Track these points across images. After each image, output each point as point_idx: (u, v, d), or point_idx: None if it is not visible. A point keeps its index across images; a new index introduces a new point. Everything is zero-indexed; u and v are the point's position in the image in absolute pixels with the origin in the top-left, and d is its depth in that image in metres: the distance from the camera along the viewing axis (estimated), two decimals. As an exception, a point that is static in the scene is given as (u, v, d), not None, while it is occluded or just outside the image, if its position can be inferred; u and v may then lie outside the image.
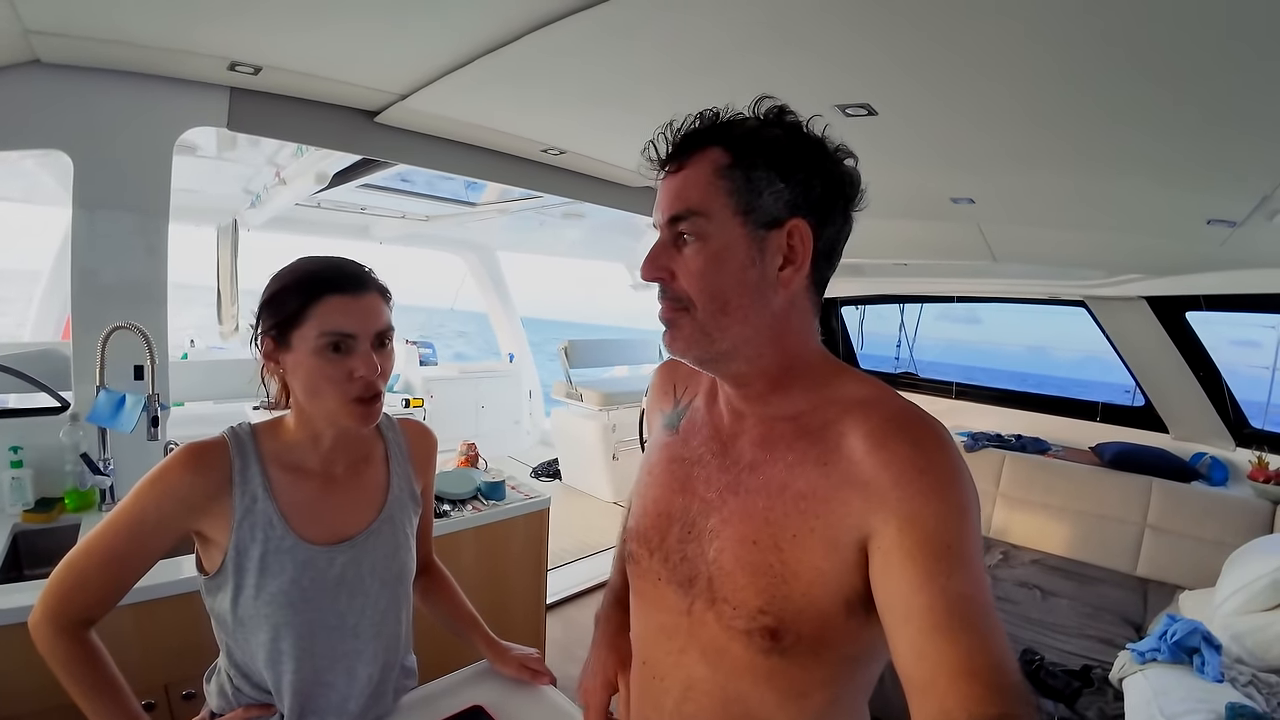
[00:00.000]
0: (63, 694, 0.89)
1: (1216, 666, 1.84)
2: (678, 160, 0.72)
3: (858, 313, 5.02)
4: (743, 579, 0.71)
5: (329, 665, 1.01)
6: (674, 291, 0.72)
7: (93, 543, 0.91)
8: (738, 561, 0.71)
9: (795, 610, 0.68)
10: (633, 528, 0.86)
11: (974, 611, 0.57)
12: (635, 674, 0.87)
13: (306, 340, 0.93)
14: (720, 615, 0.73)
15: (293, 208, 3.85)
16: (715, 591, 0.73)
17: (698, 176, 0.70)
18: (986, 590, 0.60)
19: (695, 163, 0.71)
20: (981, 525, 0.66)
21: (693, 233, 0.71)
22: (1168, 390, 3.40)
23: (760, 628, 0.69)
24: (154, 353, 1.89)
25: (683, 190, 0.71)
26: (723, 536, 0.74)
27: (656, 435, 0.91)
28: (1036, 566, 3.19)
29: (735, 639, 0.72)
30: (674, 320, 0.73)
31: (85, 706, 0.90)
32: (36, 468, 1.84)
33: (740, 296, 0.70)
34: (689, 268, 0.71)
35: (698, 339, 0.72)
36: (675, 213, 0.71)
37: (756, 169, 0.69)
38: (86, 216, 1.89)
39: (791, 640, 0.69)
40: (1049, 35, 1.25)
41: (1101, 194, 2.20)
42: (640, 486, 0.88)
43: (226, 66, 1.86)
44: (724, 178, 0.69)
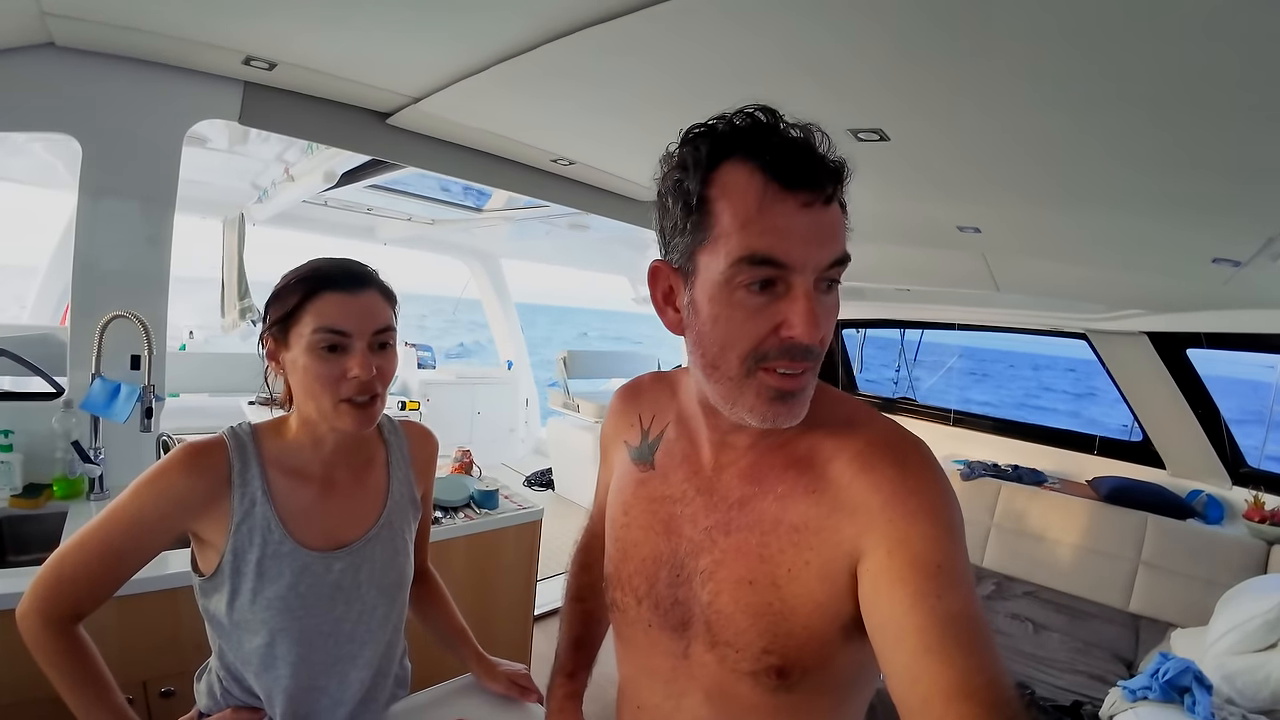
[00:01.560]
0: (47, 685, 0.88)
1: (1207, 706, 1.82)
2: (832, 184, 0.62)
3: (858, 336, 5.03)
4: (744, 621, 0.69)
5: (323, 671, 1.00)
6: (817, 350, 0.64)
7: (87, 538, 0.89)
8: (736, 604, 0.70)
9: (798, 645, 0.67)
10: (613, 574, 0.83)
11: (966, 630, 0.57)
12: (629, 717, 0.85)
13: (302, 337, 0.92)
14: (723, 659, 0.71)
15: (299, 205, 3.85)
16: (715, 635, 0.71)
17: (841, 212, 0.64)
18: (978, 607, 0.60)
19: (838, 196, 0.64)
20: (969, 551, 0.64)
21: (839, 275, 0.65)
22: (1166, 426, 3.40)
23: (766, 668, 0.68)
24: (152, 343, 1.87)
25: (842, 227, 0.64)
26: (717, 578, 0.71)
27: (625, 469, 0.86)
28: (1029, 599, 3.17)
29: (741, 680, 0.70)
30: (806, 385, 0.66)
31: (70, 700, 0.89)
32: (26, 453, 1.82)
33: None
34: (831, 318, 0.65)
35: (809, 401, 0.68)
36: (842, 254, 0.63)
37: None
38: (92, 203, 1.88)
39: (798, 676, 0.67)
40: (1062, 73, 1.26)
41: (1108, 230, 2.21)
42: (615, 528, 0.84)
43: (241, 60, 1.86)
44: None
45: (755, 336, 0.63)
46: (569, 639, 1.06)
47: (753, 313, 0.63)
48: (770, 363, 0.64)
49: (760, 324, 0.63)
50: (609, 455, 0.93)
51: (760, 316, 0.63)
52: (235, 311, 4.01)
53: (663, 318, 0.72)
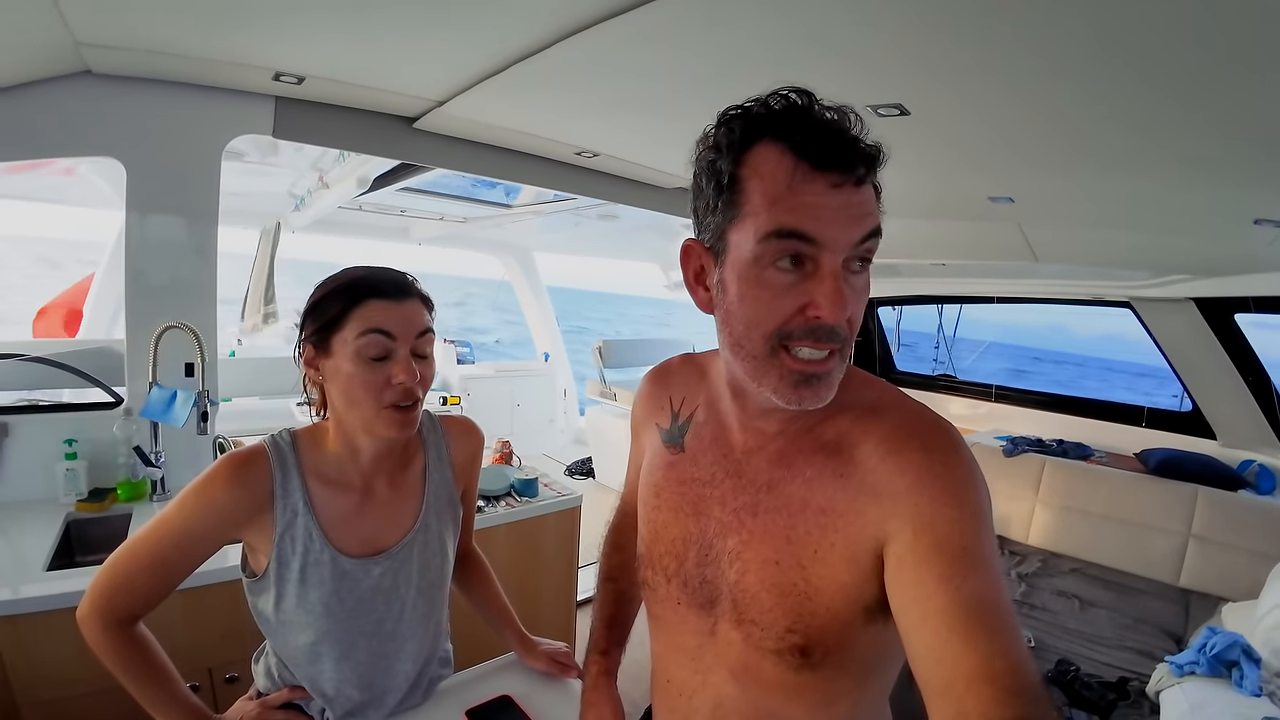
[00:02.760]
0: (112, 677, 0.94)
1: (1255, 680, 1.78)
2: (863, 165, 0.62)
3: (895, 313, 4.95)
4: (769, 600, 0.70)
5: (369, 667, 1.04)
6: (843, 331, 0.64)
7: (138, 547, 0.93)
8: (762, 583, 0.71)
9: (821, 625, 0.68)
10: (645, 554, 0.85)
11: (991, 613, 0.57)
12: (660, 692, 0.87)
13: (346, 344, 0.93)
14: (748, 636, 0.72)
15: (335, 210, 3.95)
16: (741, 613, 0.73)
17: (872, 192, 0.64)
18: (1004, 592, 0.60)
19: (870, 177, 0.64)
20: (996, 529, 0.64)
21: (872, 253, 0.64)
22: (1216, 395, 3.28)
23: (789, 646, 0.69)
24: (204, 350, 1.98)
25: (873, 204, 0.64)
26: (744, 558, 0.73)
27: (656, 451, 0.87)
28: (1076, 576, 3.11)
29: (765, 658, 0.71)
30: (831, 371, 0.65)
31: (136, 694, 0.94)
32: (90, 459, 1.94)
33: None
34: (859, 297, 0.65)
35: (840, 377, 0.67)
36: (873, 229, 0.63)
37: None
38: (139, 220, 1.98)
39: (820, 655, 0.69)
40: (1090, 33, 1.21)
41: (1145, 195, 2.14)
42: (647, 509, 0.85)
43: (271, 77, 1.93)
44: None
45: (781, 315, 0.63)
46: (602, 618, 1.08)
47: (780, 291, 0.63)
48: (794, 342, 0.63)
49: (786, 303, 0.63)
50: (639, 437, 0.94)
51: (787, 295, 0.63)
52: (259, 315, 4.16)
53: (694, 296, 0.73)
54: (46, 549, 1.62)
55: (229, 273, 2.27)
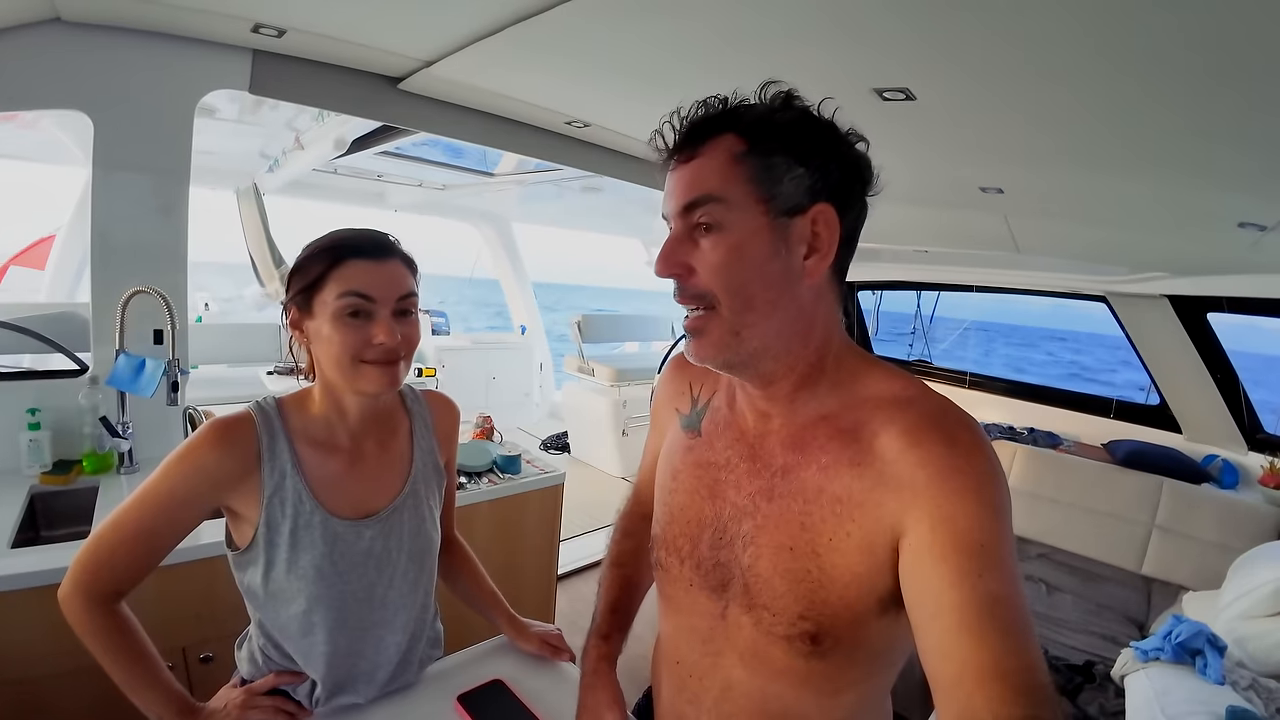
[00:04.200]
0: (82, 656, 0.91)
1: (1219, 669, 1.84)
2: (689, 149, 0.69)
3: (874, 298, 4.98)
4: (781, 586, 0.70)
5: (360, 636, 1.03)
6: (694, 288, 0.69)
7: (122, 518, 0.91)
8: (775, 568, 0.71)
9: (833, 614, 0.68)
10: (660, 535, 0.85)
11: (1005, 612, 0.57)
12: (668, 672, 0.87)
13: (327, 305, 0.93)
14: (759, 621, 0.72)
15: (309, 173, 3.82)
16: (753, 598, 0.73)
17: (713, 163, 0.67)
18: (1019, 591, 0.60)
19: (709, 150, 0.68)
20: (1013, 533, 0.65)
21: (711, 221, 0.67)
22: (1184, 391, 3.38)
23: (800, 633, 0.69)
24: (174, 317, 1.89)
25: (697, 177, 0.68)
26: (758, 543, 0.73)
27: (675, 436, 0.89)
28: (1043, 561, 3.20)
29: (775, 644, 0.71)
30: (701, 327, 0.70)
31: (117, 677, 0.91)
32: (54, 430, 1.85)
33: (765, 290, 0.68)
34: (708, 261, 0.68)
35: (726, 342, 0.69)
36: (690, 199, 0.68)
37: (774, 154, 0.66)
38: (106, 178, 1.87)
39: (830, 644, 0.69)
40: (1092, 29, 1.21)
41: (1134, 194, 2.16)
42: (664, 492, 0.86)
43: (250, 29, 1.83)
44: (741, 164, 0.67)
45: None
46: (607, 603, 1.07)
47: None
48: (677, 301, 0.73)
49: None
50: (660, 423, 0.96)
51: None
52: (277, 279, 3.99)
53: None
54: (10, 524, 1.54)
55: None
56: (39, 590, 1.31)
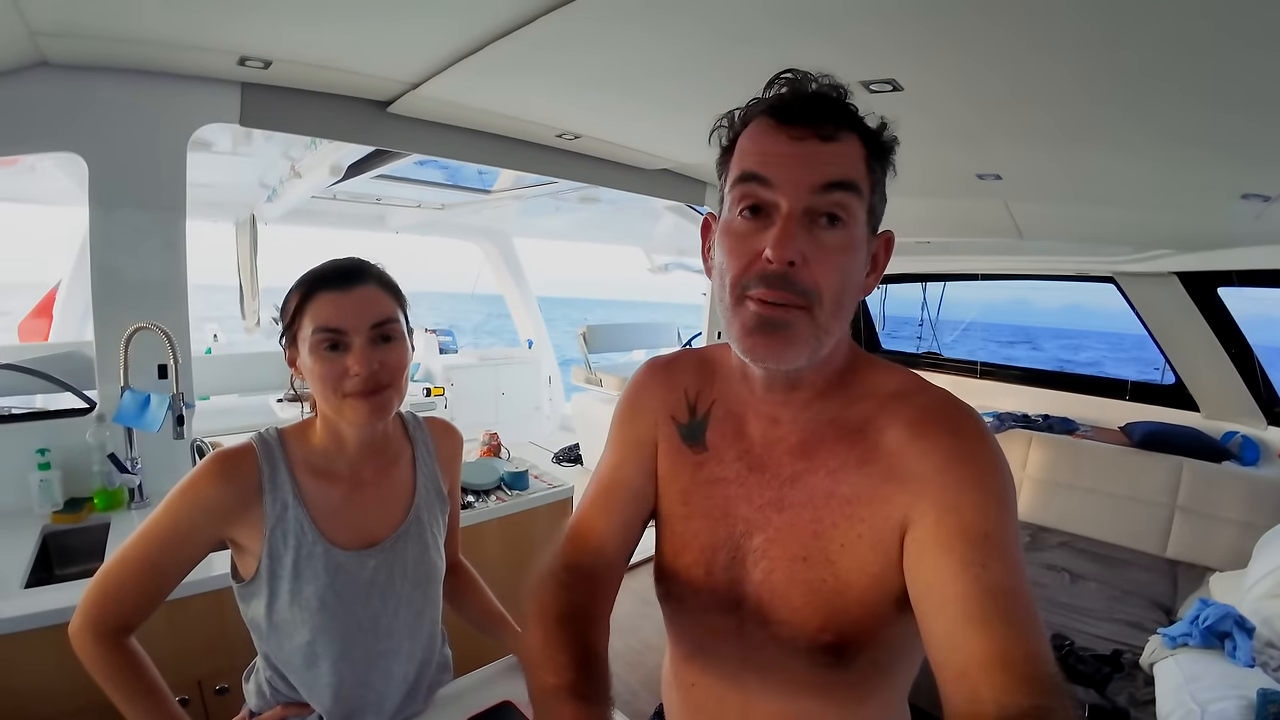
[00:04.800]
0: (97, 694, 0.90)
1: (1248, 651, 1.81)
2: (831, 126, 0.63)
3: (878, 293, 4.95)
4: (798, 599, 0.69)
5: (366, 666, 1.02)
6: (802, 282, 0.62)
7: (127, 553, 0.92)
8: (791, 581, 0.69)
9: (854, 621, 0.67)
10: (668, 567, 0.79)
11: (1011, 602, 0.56)
12: (683, 694, 0.85)
13: (305, 340, 0.94)
14: (777, 637, 0.70)
15: (309, 200, 3.85)
16: (768, 614, 0.71)
17: (855, 153, 0.64)
18: (1025, 580, 0.59)
19: (848, 140, 0.64)
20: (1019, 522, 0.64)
21: (846, 212, 0.63)
22: (1199, 368, 3.32)
23: (822, 646, 0.68)
24: (176, 351, 1.90)
25: (845, 160, 0.63)
26: (770, 556, 0.71)
27: (676, 452, 0.81)
28: (1064, 549, 3.15)
29: (796, 658, 0.70)
30: (790, 320, 0.62)
31: (126, 711, 0.91)
32: (64, 468, 1.86)
33: (851, 298, 0.67)
34: (830, 256, 0.62)
35: (813, 344, 0.64)
36: (838, 179, 0.62)
37: (881, 172, 0.67)
38: (103, 217, 1.89)
39: (854, 652, 0.67)
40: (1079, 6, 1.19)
41: (1133, 169, 2.14)
42: (673, 520, 0.79)
43: (237, 61, 1.84)
44: (870, 169, 0.65)
45: (743, 262, 0.64)
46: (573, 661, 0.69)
47: (743, 238, 0.64)
48: (752, 290, 0.63)
49: (747, 249, 0.64)
50: (637, 438, 0.84)
51: (748, 242, 0.64)
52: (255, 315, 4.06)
53: (705, 266, 0.75)
54: (23, 564, 1.55)
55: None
56: (54, 629, 1.31)
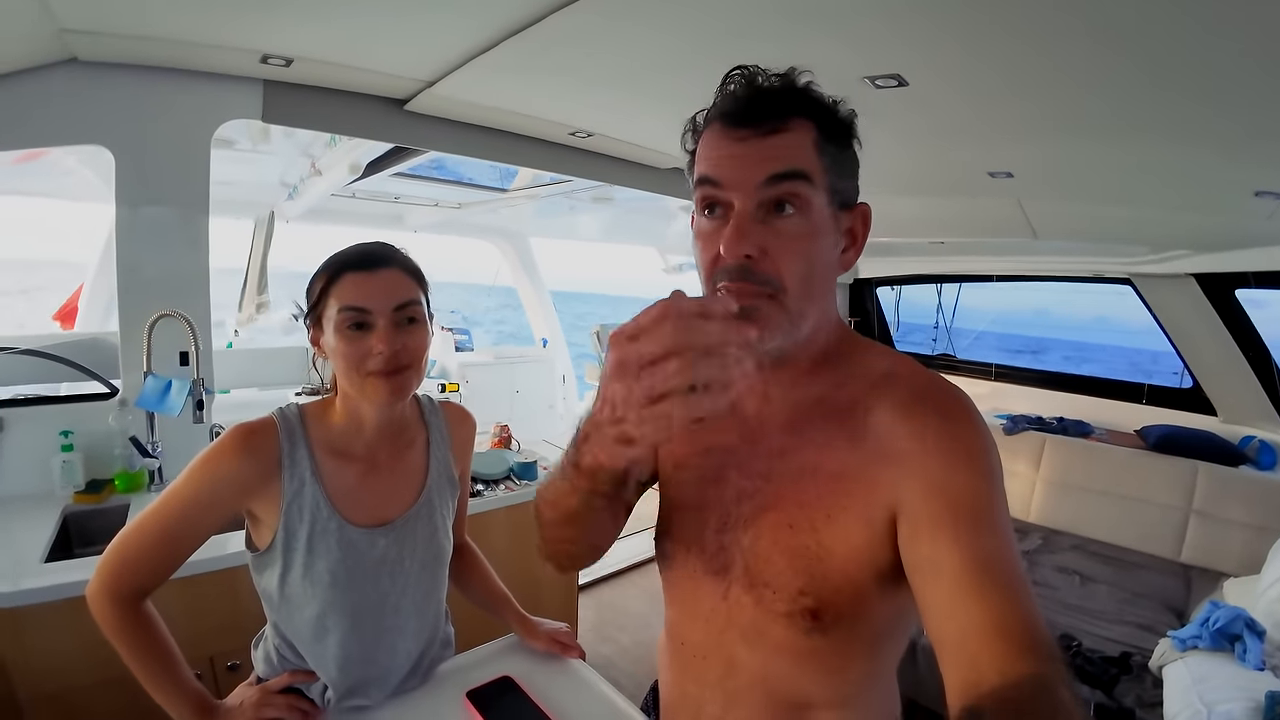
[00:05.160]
0: (111, 667, 0.94)
1: (1259, 654, 1.78)
2: (773, 121, 0.65)
3: (893, 293, 4.93)
4: (781, 562, 0.71)
5: (373, 642, 1.05)
6: (763, 273, 0.64)
7: (147, 520, 0.94)
8: (775, 546, 0.72)
9: (833, 588, 0.68)
10: (664, 528, 0.85)
11: (1004, 571, 0.57)
12: (674, 653, 0.88)
13: (330, 320, 0.96)
14: (760, 599, 0.73)
15: (328, 198, 3.90)
16: (753, 577, 0.74)
17: (800, 141, 0.65)
18: (1015, 552, 0.60)
19: (793, 128, 0.65)
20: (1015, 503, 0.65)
21: (797, 200, 0.65)
22: (1216, 371, 3.27)
23: (801, 609, 0.70)
24: (198, 339, 1.96)
25: (786, 151, 0.65)
26: (758, 523, 0.74)
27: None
28: (1077, 552, 3.11)
29: (776, 621, 0.72)
30: (756, 306, 0.65)
31: (140, 673, 0.94)
32: (86, 451, 1.93)
33: (823, 280, 0.69)
34: (787, 244, 0.65)
35: (785, 326, 0.67)
36: (783, 170, 0.64)
37: (841, 149, 0.68)
38: (129, 210, 1.96)
39: (831, 619, 0.69)
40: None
41: (1145, 167, 2.12)
42: (670, 485, 0.85)
43: (259, 59, 1.90)
44: (822, 151, 0.66)
45: (709, 258, 0.67)
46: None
47: (707, 237, 0.68)
48: (719, 284, 0.66)
49: (711, 246, 0.67)
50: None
51: (711, 240, 0.67)
52: (252, 306, 4.16)
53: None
54: (44, 541, 1.61)
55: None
56: (71, 603, 1.36)
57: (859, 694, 0.76)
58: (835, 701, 0.75)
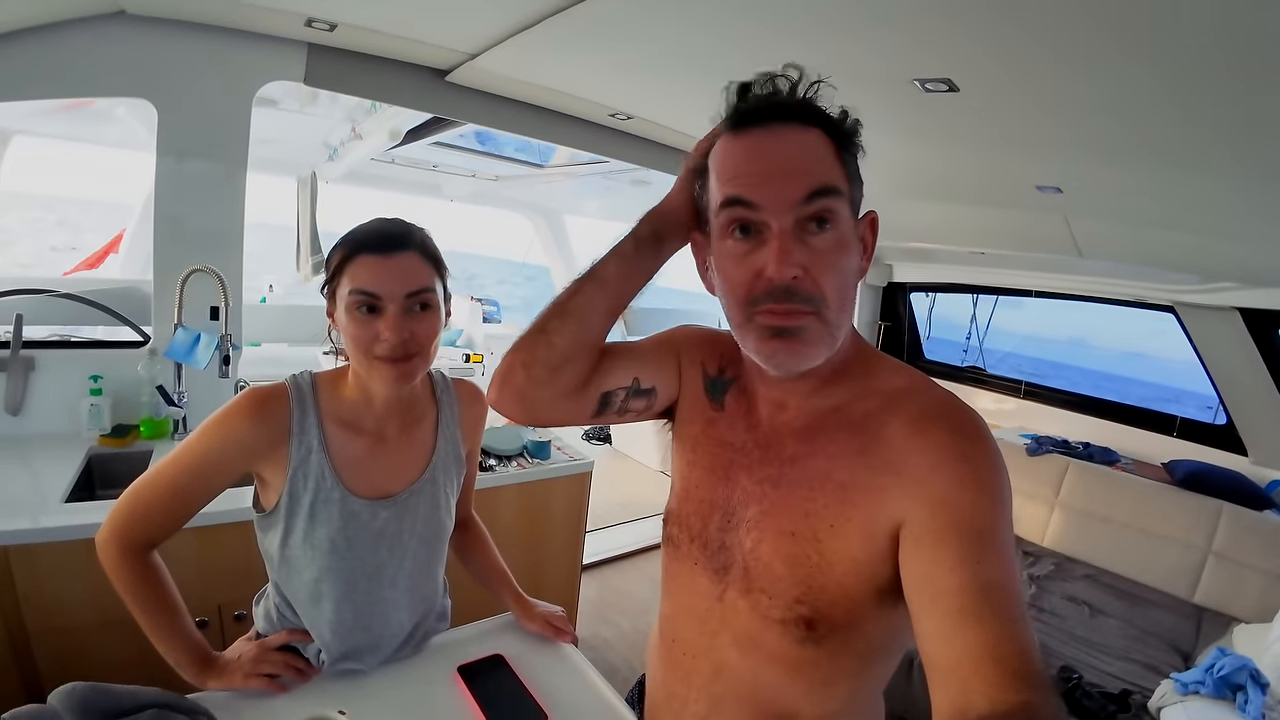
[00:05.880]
0: (122, 609, 0.96)
1: (1259, 707, 1.74)
2: (794, 134, 0.66)
3: (926, 301, 4.83)
4: (780, 569, 0.71)
5: (366, 611, 1.07)
6: (807, 291, 0.64)
7: (158, 475, 0.97)
8: (776, 553, 0.72)
9: (830, 600, 0.69)
10: (674, 510, 0.86)
11: (1003, 600, 0.57)
12: (665, 650, 0.88)
13: (342, 299, 0.96)
14: (756, 605, 0.73)
15: (367, 163, 3.95)
16: (751, 581, 0.74)
17: (825, 154, 0.65)
18: (1017, 580, 0.60)
19: (815, 142, 0.66)
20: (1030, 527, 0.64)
21: (831, 215, 0.65)
22: (1253, 410, 3.15)
23: (796, 617, 0.70)
24: (229, 295, 2.00)
25: (816, 165, 0.65)
26: (761, 528, 0.74)
27: (697, 397, 0.87)
28: (1088, 582, 3.05)
29: (770, 628, 0.72)
30: (803, 325, 0.65)
31: (142, 621, 0.97)
32: (115, 396, 1.98)
33: (851, 290, 0.69)
34: (825, 260, 0.65)
35: (828, 342, 0.67)
36: (819, 186, 0.64)
37: (851, 157, 0.68)
38: (169, 164, 2.00)
39: (826, 629, 0.69)
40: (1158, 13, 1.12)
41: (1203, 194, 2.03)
42: (682, 464, 0.87)
43: (304, 23, 1.91)
44: (843, 163, 0.67)
45: (745, 283, 0.67)
46: None
47: (739, 260, 0.67)
48: (760, 307, 0.66)
49: (746, 270, 0.66)
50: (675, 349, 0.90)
51: (745, 263, 0.67)
52: (309, 265, 4.21)
53: (704, 283, 0.78)
54: (67, 481, 1.66)
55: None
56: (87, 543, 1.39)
57: (845, 710, 0.76)
58: (820, 715, 0.76)
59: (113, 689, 0.87)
